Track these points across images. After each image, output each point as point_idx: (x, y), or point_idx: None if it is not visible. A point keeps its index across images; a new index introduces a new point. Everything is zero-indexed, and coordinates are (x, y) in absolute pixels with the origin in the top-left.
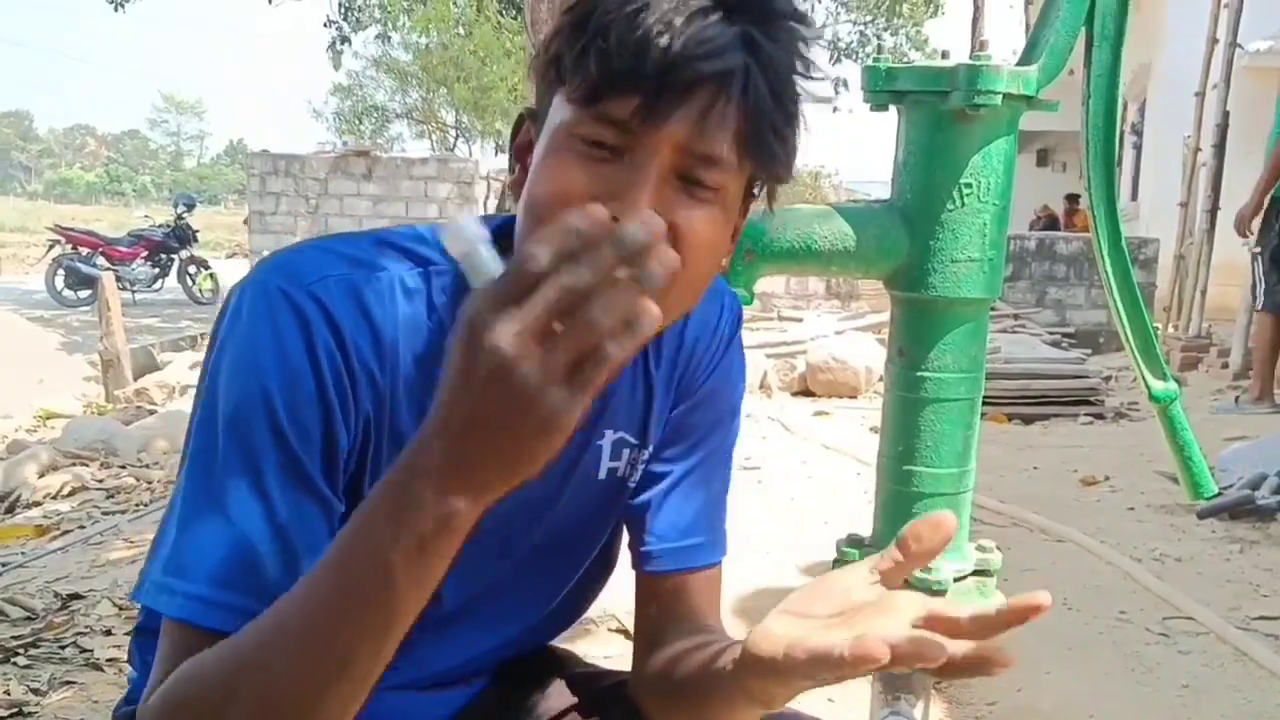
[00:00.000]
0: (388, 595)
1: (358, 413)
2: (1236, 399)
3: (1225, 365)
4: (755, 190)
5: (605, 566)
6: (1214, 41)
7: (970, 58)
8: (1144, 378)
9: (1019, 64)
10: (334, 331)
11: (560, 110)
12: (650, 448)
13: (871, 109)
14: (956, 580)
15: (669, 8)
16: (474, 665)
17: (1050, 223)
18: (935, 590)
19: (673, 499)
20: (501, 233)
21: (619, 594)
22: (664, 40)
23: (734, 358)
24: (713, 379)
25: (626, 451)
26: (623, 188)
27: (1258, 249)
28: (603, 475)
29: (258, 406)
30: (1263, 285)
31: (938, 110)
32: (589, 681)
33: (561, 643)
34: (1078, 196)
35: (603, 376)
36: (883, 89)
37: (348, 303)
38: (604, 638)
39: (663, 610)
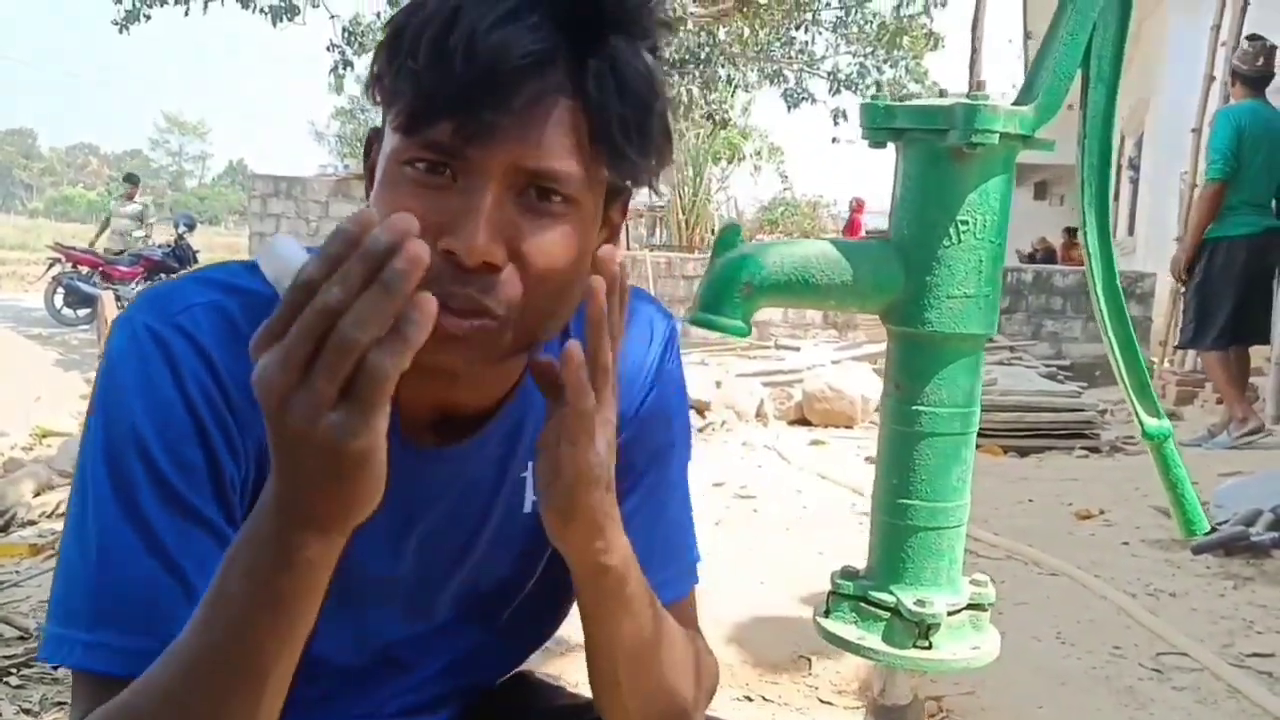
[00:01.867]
0: (249, 642)
1: (245, 438)
2: (1228, 430)
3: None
4: (628, 184)
5: (554, 597)
6: (1211, 79)
7: (968, 97)
8: (1138, 415)
9: (1016, 103)
10: (203, 360)
11: (390, 137)
12: None
13: (870, 145)
14: (950, 614)
15: (476, 15)
16: (429, 702)
17: (1047, 255)
18: (930, 624)
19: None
20: None
21: None
22: (472, 53)
23: (668, 384)
24: (645, 408)
25: None
26: (458, 217)
27: (1182, 290)
28: (528, 509)
29: (129, 443)
30: (1190, 325)
31: (935, 148)
32: (565, 715)
33: (546, 664)
34: (1077, 230)
35: (380, 390)
36: (881, 126)
37: (217, 328)
38: None
39: None
